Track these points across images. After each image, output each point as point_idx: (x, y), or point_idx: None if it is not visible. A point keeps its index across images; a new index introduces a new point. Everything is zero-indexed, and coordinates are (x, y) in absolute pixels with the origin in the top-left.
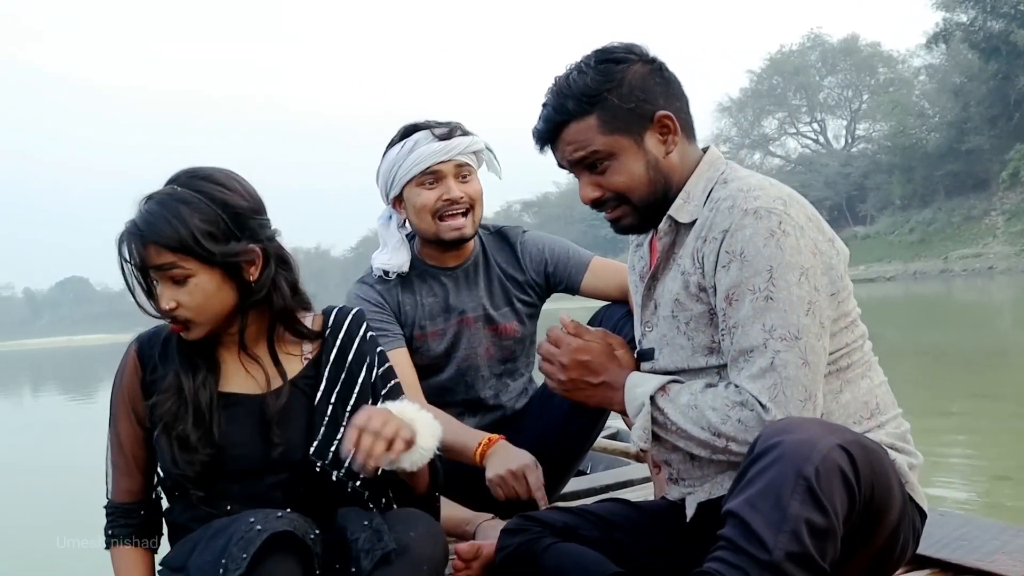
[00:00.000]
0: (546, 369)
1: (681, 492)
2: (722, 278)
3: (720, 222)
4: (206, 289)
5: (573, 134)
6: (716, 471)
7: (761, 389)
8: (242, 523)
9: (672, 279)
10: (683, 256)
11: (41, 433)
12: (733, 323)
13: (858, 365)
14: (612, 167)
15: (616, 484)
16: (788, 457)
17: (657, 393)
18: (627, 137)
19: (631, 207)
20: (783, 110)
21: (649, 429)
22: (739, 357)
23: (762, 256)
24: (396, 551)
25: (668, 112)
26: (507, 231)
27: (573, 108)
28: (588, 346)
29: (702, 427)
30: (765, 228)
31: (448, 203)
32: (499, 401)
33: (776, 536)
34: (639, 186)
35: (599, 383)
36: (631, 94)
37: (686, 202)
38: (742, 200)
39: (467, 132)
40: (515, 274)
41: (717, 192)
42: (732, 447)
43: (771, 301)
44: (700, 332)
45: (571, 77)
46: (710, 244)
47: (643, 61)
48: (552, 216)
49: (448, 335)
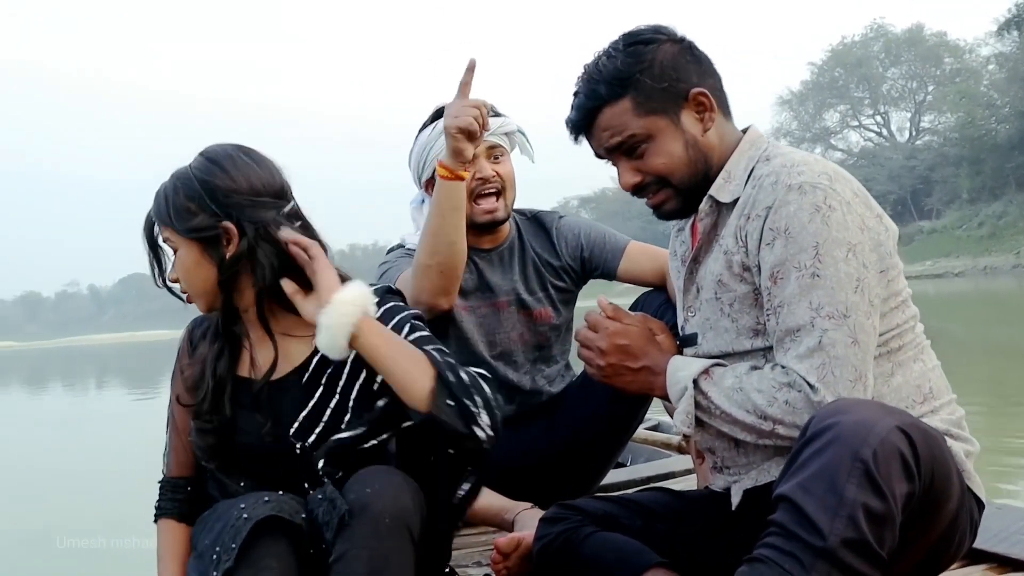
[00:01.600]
0: (584, 355)
1: (726, 480)
2: (766, 256)
3: (763, 199)
4: (185, 262)
5: (608, 119)
6: (762, 457)
7: (809, 369)
8: (233, 509)
9: (714, 260)
10: (726, 236)
11: (99, 427)
12: (779, 302)
13: (910, 347)
14: (650, 149)
15: (658, 476)
16: (844, 439)
17: (700, 376)
18: (663, 117)
19: (673, 190)
20: (845, 103)
21: (692, 414)
22: (785, 337)
23: (807, 232)
24: (350, 512)
25: (703, 89)
26: (543, 216)
27: (606, 93)
28: (627, 330)
29: (747, 410)
30: (810, 203)
31: (481, 182)
32: (535, 386)
33: (832, 521)
34: (679, 166)
35: (639, 368)
36: (663, 74)
37: (727, 181)
38: (786, 176)
39: (499, 113)
40: (550, 259)
41: (760, 169)
42: (779, 430)
43: (818, 278)
44: (744, 313)
45: (600, 62)
46: (753, 221)
47: (672, 40)
48: (610, 212)
49: (478, 313)
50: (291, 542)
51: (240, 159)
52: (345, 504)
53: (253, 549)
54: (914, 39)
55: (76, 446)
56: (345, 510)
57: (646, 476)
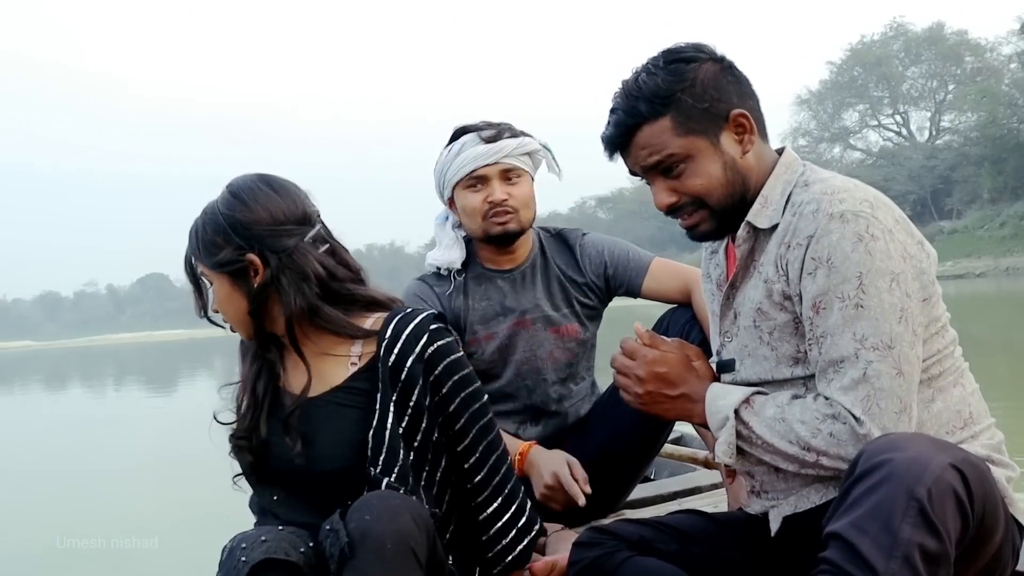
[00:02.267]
0: (622, 383)
1: (764, 505)
2: (808, 285)
3: (804, 227)
4: (219, 294)
5: (647, 137)
6: (802, 484)
7: (854, 401)
8: (237, 550)
9: (754, 287)
10: (765, 263)
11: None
12: (821, 332)
13: (949, 373)
14: (688, 170)
15: (684, 491)
16: (898, 477)
17: (741, 406)
18: (703, 138)
19: (708, 211)
20: (864, 102)
21: (734, 444)
22: (828, 368)
23: (850, 262)
24: (351, 542)
25: (743, 111)
26: (567, 233)
27: (646, 110)
28: (665, 357)
29: (790, 441)
30: (852, 232)
31: (492, 205)
32: (562, 407)
33: (887, 562)
34: (717, 188)
35: (677, 395)
36: (705, 93)
37: (764, 207)
38: (827, 203)
39: (517, 133)
40: (574, 276)
41: (798, 195)
42: (823, 461)
43: (861, 309)
44: (784, 342)
45: (640, 79)
46: (795, 250)
47: (712, 60)
48: (627, 212)
49: (500, 337)
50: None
51: (260, 191)
52: (346, 535)
53: None
54: (934, 38)
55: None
56: (346, 542)
57: (673, 491)
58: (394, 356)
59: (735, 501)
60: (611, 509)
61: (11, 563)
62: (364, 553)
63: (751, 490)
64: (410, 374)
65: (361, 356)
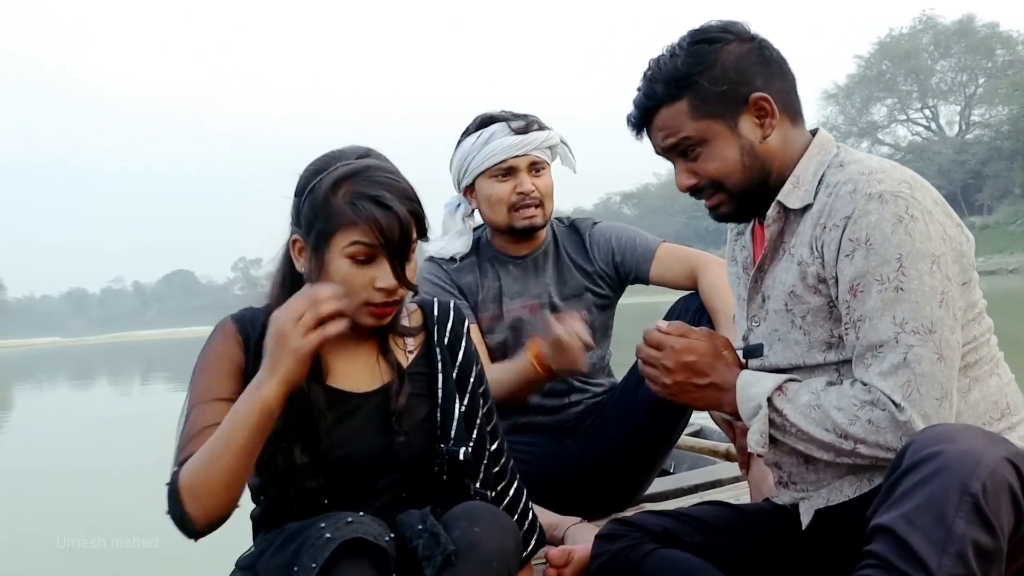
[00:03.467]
0: (649, 373)
1: (792, 496)
2: (845, 268)
3: (841, 208)
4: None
5: (664, 120)
6: (834, 475)
7: (893, 387)
8: (313, 530)
9: (785, 270)
10: (798, 245)
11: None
12: (859, 316)
13: (986, 361)
14: (704, 153)
15: (705, 484)
16: (951, 470)
17: (774, 393)
18: (719, 122)
19: (727, 194)
20: (892, 96)
21: (767, 433)
22: (866, 352)
23: (890, 243)
24: (457, 552)
25: (765, 94)
26: (578, 223)
27: (663, 93)
28: (693, 345)
29: (826, 428)
30: (892, 213)
31: (521, 196)
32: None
33: (940, 557)
34: (734, 172)
35: (707, 384)
36: (724, 76)
37: (796, 187)
38: (864, 184)
39: (543, 127)
40: (584, 265)
41: (832, 176)
42: (861, 450)
43: (901, 292)
44: (818, 326)
45: (662, 60)
46: (831, 231)
47: (740, 40)
48: (652, 208)
49: (508, 319)
50: (375, 567)
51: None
52: (451, 543)
53: (334, 571)
54: (964, 30)
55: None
56: (452, 549)
57: (693, 484)
58: (447, 337)
59: (756, 492)
60: (629, 502)
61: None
62: (470, 565)
63: (778, 481)
64: (466, 354)
65: (416, 345)
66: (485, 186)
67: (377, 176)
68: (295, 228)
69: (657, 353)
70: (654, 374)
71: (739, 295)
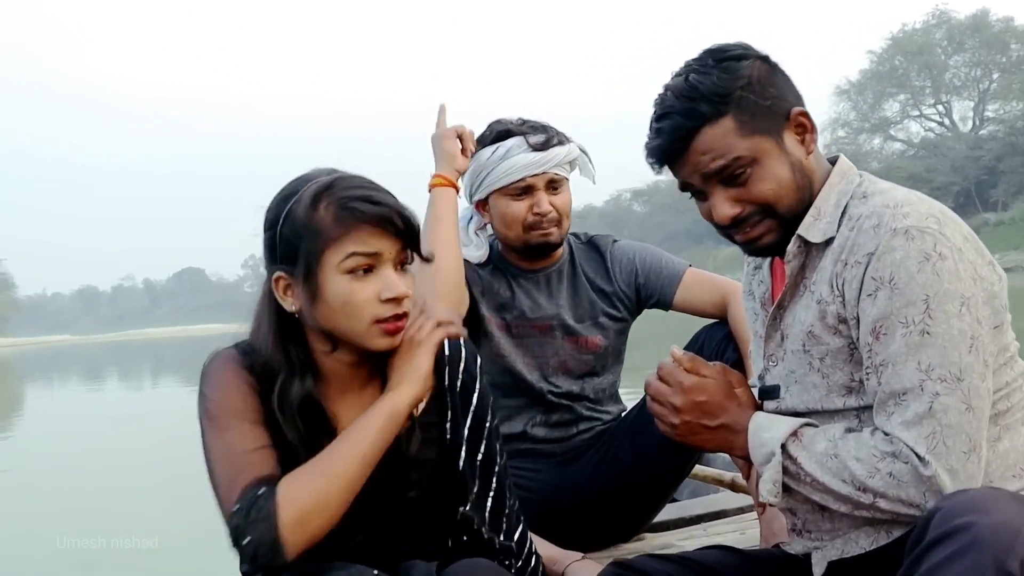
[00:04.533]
0: (656, 411)
1: (805, 545)
2: (868, 308)
3: (864, 243)
4: None
5: (708, 141)
6: (849, 526)
7: (917, 438)
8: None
9: (804, 308)
10: (818, 282)
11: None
12: (881, 360)
13: (1018, 408)
14: (755, 174)
15: (709, 515)
16: (985, 545)
17: (788, 439)
18: (768, 138)
19: (776, 220)
20: (905, 92)
21: (780, 481)
22: (889, 400)
23: (916, 283)
24: None
25: (803, 109)
26: (598, 240)
27: (707, 111)
28: (704, 384)
29: (843, 480)
30: (918, 250)
31: (538, 217)
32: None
33: None
34: (788, 192)
35: (717, 426)
36: (764, 90)
37: (816, 219)
38: (889, 218)
39: (564, 140)
40: (603, 285)
41: (855, 208)
42: (881, 504)
43: (927, 336)
44: (838, 369)
45: (692, 79)
46: (852, 269)
47: (759, 58)
48: (662, 205)
49: (516, 333)
50: None
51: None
52: None
53: None
54: (979, 25)
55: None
56: None
57: (696, 514)
58: (460, 380)
59: (768, 533)
60: (633, 533)
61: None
62: None
63: (792, 528)
64: (481, 397)
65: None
66: (500, 204)
67: (356, 181)
68: (274, 266)
69: (667, 389)
70: (661, 412)
71: (755, 331)
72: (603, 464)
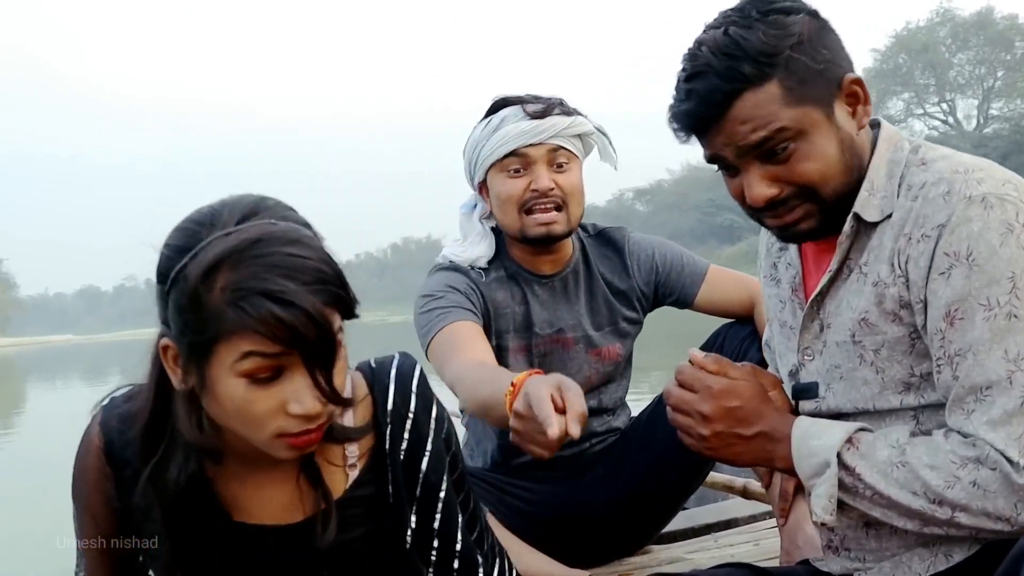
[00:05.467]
0: (682, 423)
1: (844, 566)
2: (940, 289)
3: (932, 214)
4: None
5: (750, 108)
6: (900, 545)
7: (1007, 439)
8: None
9: (855, 293)
10: (872, 262)
11: None
12: (957, 349)
13: None
14: (800, 150)
15: (718, 524)
16: None
17: (843, 447)
18: (818, 108)
19: (817, 204)
20: (909, 90)
21: (836, 497)
22: (968, 395)
23: (999, 259)
24: None
25: (857, 76)
26: (611, 233)
27: (751, 72)
28: (736, 387)
29: (914, 492)
30: (999, 221)
31: (536, 195)
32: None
33: None
34: (835, 174)
35: (753, 435)
36: (816, 52)
37: (871, 194)
38: (961, 184)
39: (569, 111)
40: (620, 285)
41: (915, 176)
42: (961, 519)
43: (1015, 319)
44: (895, 362)
45: (733, 32)
46: (919, 244)
47: (808, 13)
48: (666, 204)
49: (534, 353)
50: None
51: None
52: None
53: None
54: (983, 23)
55: None
56: None
57: (705, 523)
58: (406, 440)
59: (791, 547)
60: (640, 545)
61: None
62: None
63: (828, 544)
64: (434, 455)
65: (362, 454)
66: (496, 182)
67: (270, 256)
68: (163, 326)
69: (692, 396)
70: (687, 424)
71: (782, 321)
72: (612, 476)
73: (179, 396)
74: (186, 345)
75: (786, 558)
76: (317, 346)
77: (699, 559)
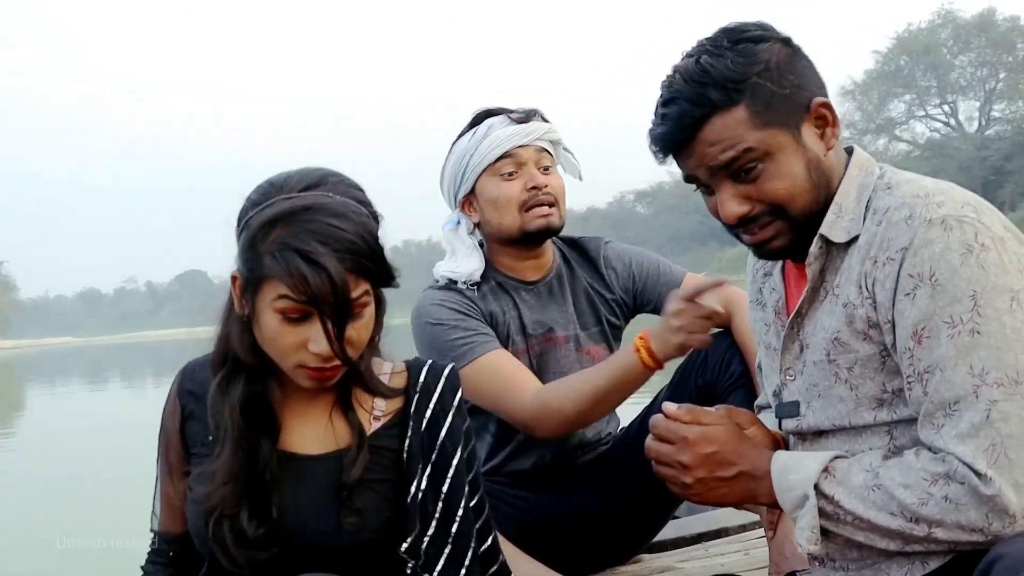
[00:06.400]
0: (665, 474)
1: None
2: (906, 309)
3: (896, 237)
4: None
5: (718, 131)
6: (879, 555)
7: (975, 452)
8: None
9: (828, 314)
10: (843, 284)
11: None
12: (926, 366)
13: None
14: (767, 170)
15: (708, 533)
16: None
17: (820, 477)
18: (784, 131)
19: (787, 222)
20: (911, 92)
21: (818, 527)
22: (937, 411)
23: (960, 278)
24: None
25: (825, 99)
26: (585, 242)
27: (718, 98)
28: (710, 433)
29: (892, 513)
30: (959, 242)
31: (534, 192)
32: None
33: None
34: (801, 193)
35: (735, 475)
36: (783, 77)
37: (839, 216)
38: (922, 208)
39: (546, 119)
40: (603, 291)
41: (880, 200)
42: (938, 534)
43: (978, 336)
44: (867, 379)
45: (704, 62)
46: (884, 266)
47: (779, 41)
48: (666, 206)
49: (532, 356)
50: None
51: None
52: None
53: None
54: (985, 24)
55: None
56: None
57: (696, 533)
58: (430, 410)
59: (779, 558)
60: (631, 554)
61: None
62: None
63: (814, 556)
64: (451, 431)
65: (389, 412)
66: (490, 186)
67: (314, 223)
68: (236, 260)
69: (669, 448)
70: (671, 474)
71: (767, 344)
72: (603, 486)
73: (237, 321)
74: (244, 278)
75: (775, 569)
76: (332, 304)
77: (689, 568)
